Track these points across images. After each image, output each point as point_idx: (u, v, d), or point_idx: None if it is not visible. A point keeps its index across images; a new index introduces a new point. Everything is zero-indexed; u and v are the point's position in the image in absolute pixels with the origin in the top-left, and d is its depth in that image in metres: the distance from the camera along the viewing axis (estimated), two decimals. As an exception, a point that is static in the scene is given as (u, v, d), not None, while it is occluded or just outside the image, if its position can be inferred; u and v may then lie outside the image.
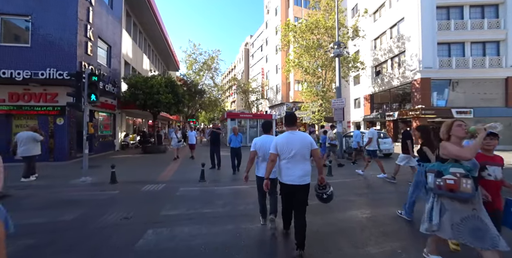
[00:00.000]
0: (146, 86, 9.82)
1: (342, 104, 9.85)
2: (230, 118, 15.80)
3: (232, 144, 6.59)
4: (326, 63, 17.33)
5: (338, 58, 10.12)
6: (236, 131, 6.72)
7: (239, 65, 51.22)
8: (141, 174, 6.52)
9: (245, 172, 3.14)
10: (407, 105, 17.47)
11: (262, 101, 34.31)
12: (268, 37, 33.48)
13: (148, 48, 19.10)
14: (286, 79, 28.96)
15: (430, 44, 15.04)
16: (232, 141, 6.60)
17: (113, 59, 10.53)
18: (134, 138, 13.17)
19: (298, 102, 27.77)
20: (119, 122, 12.92)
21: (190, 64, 29.91)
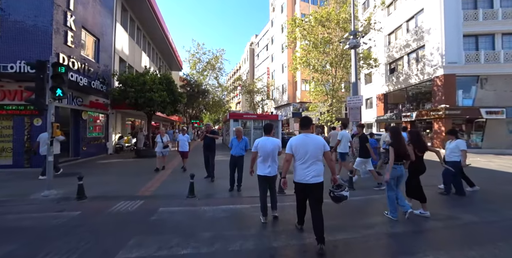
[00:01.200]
0: (137, 83, 8.81)
1: (359, 103, 8.57)
2: (233, 119, 14.68)
3: (232, 151, 4.94)
4: (336, 59, 16.02)
5: (355, 50, 8.86)
6: (240, 134, 5.05)
7: (244, 65, 50.33)
8: (120, 185, 5.43)
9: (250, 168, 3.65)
10: (426, 105, 15.92)
11: (267, 101, 33.14)
12: (274, 35, 32.39)
13: (148, 46, 18.28)
14: (292, 78, 27.74)
15: (455, 37, 13.52)
16: (234, 146, 4.95)
17: (102, 54, 9.60)
18: (129, 140, 12.22)
19: (305, 103, 26.47)
20: (113, 123, 11.99)
21: (194, 64, 29.11)
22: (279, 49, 30.25)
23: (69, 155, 8.87)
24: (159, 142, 7.09)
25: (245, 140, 5.07)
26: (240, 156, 4.92)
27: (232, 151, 4.98)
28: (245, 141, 5.06)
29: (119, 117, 12.86)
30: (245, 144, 5.03)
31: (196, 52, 28.83)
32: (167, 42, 19.37)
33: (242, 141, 5.02)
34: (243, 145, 4.99)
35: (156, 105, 9.10)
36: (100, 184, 5.52)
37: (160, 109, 9.62)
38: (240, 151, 4.94)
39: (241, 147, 4.96)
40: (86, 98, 9.09)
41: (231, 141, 5.13)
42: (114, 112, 11.51)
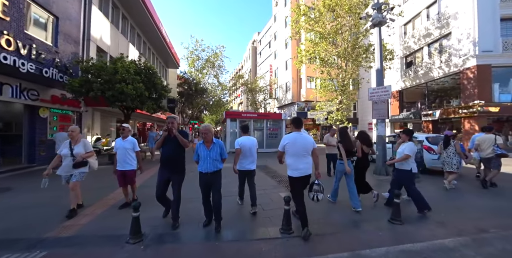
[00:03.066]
0: (106, 72, 7.06)
1: (386, 95, 6.66)
2: (229, 118, 12.88)
3: (201, 166, 3.05)
4: (349, 50, 14.11)
5: (379, 28, 6.97)
6: (208, 136, 3.04)
7: (246, 64, 48.69)
8: (43, 212, 3.62)
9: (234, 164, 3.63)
10: (452, 101, 13.86)
11: (270, 101, 31.30)
12: (277, 31, 30.63)
13: (138, 39, 16.65)
14: (297, 75, 25.86)
15: (489, 21, 11.50)
16: (201, 158, 3.06)
17: (63, 37, 7.87)
18: (108, 143, 10.51)
19: (311, 102, 24.57)
20: (88, 123, 10.30)
21: (192, 61, 27.53)
22: (282, 45, 28.48)
23: (21, 161, 7.16)
24: (63, 154, 3.56)
25: (219, 145, 3.10)
26: (213, 172, 3.02)
27: (200, 166, 3.06)
28: (219, 147, 3.10)
29: (98, 116, 11.17)
30: (220, 150, 3.09)
31: (195, 49, 27.26)
32: (160, 35, 17.74)
33: (214, 148, 3.04)
34: (217, 153, 3.05)
35: (130, 99, 7.32)
36: (17, 209, 3.75)
37: (137, 105, 7.85)
38: (213, 163, 3.01)
39: (214, 156, 3.02)
40: (44, 91, 7.40)
41: (196, 149, 3.15)
42: (88, 110, 9.81)
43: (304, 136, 2.93)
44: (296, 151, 2.86)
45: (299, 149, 2.86)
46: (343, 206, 3.99)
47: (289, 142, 2.88)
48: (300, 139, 2.88)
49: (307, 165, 2.88)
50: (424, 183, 5.63)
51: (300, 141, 2.87)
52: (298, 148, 2.85)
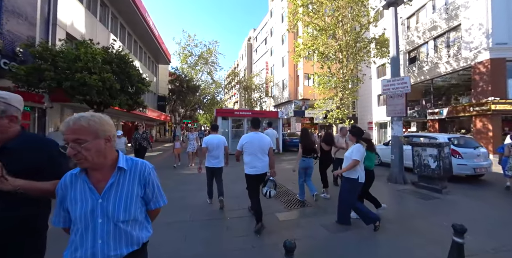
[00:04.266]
0: (63, 58, 5.76)
1: (403, 88, 5.58)
2: (221, 117, 11.66)
3: None
4: (350, 43, 13.06)
5: (395, 9, 5.86)
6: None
7: (242, 62, 47.44)
8: None
9: (199, 164, 4.12)
10: (462, 98, 12.95)
11: (266, 99, 30.15)
12: (273, 27, 29.48)
13: (122, 30, 15.26)
14: (294, 72, 24.76)
15: (504, 11, 10.57)
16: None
17: (10, 15, 6.50)
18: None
19: (308, 100, 23.55)
20: (56, 121, 8.96)
21: (184, 57, 26.15)
22: (279, 41, 27.34)
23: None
24: None
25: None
26: None
27: None
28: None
29: (70, 113, 9.81)
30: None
31: (187, 44, 25.89)
32: (147, 27, 16.35)
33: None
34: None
35: (96, 93, 6.05)
36: None
37: (106, 100, 6.56)
38: None
39: None
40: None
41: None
42: (53, 105, 8.46)
43: (261, 136, 3.08)
44: (253, 150, 2.99)
45: (256, 148, 2.99)
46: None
47: (247, 141, 3.02)
48: (257, 138, 3.03)
49: (263, 163, 3.02)
50: (467, 194, 4.57)
51: (257, 140, 3.02)
52: (255, 147, 2.99)
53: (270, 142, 3.08)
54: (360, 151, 2.98)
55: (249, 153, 3.00)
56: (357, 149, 2.99)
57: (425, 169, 4.93)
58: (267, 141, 3.05)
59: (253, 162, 2.98)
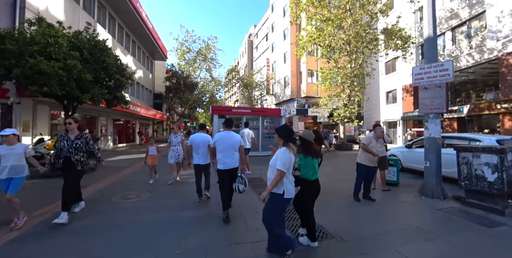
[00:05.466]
0: (16, 42, 4.60)
1: (444, 76, 4.37)
2: (217, 114, 10.49)
3: None
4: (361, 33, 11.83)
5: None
6: None
7: (242, 59, 46.20)
8: None
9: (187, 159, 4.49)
10: (486, 94, 11.68)
11: (267, 97, 28.94)
12: (275, 21, 28.21)
13: (112, 22, 14.12)
14: (297, 69, 23.52)
15: (539, -6, 9.29)
16: None
17: None
18: (52, 147, 8.04)
19: (312, 98, 22.34)
20: (26, 119, 7.84)
21: (182, 54, 25.02)
22: (280, 37, 26.08)
23: None
24: None
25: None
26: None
27: None
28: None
29: (43, 110, 8.68)
30: None
31: (185, 40, 24.75)
32: (140, 20, 15.17)
33: None
34: None
35: (57, 83, 4.90)
36: None
37: (73, 93, 5.40)
38: None
39: None
40: None
41: None
42: (21, 101, 7.32)
43: (232, 135, 3.39)
44: (223, 147, 3.30)
45: (227, 145, 3.30)
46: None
47: (218, 139, 3.33)
48: (228, 137, 3.34)
49: (233, 159, 3.33)
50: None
51: (228, 139, 3.33)
52: (226, 145, 3.30)
53: (240, 140, 3.41)
54: (285, 156, 2.26)
55: (220, 150, 3.30)
56: (281, 155, 2.28)
57: (478, 182, 3.74)
58: (237, 139, 3.38)
59: (224, 158, 3.28)
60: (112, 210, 3.72)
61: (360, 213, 3.67)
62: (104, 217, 3.44)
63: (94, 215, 3.51)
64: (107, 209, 3.74)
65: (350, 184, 4.55)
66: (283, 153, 2.25)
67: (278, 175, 2.19)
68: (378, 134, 3.93)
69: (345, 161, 9.64)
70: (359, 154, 4.17)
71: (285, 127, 2.45)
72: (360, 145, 4.18)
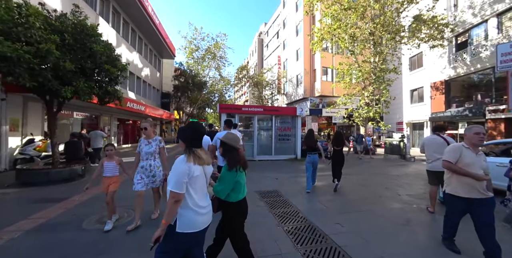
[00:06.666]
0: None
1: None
2: (225, 113, 9.38)
3: None
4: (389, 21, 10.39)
5: None
6: None
7: (252, 58, 45.24)
8: None
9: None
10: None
11: (278, 96, 27.68)
12: (287, 17, 26.98)
13: (117, 17, 13.41)
14: (310, 66, 22.13)
15: None
16: None
17: None
18: (45, 148, 7.23)
19: (326, 97, 20.88)
20: (16, 118, 7.06)
21: (190, 52, 24.29)
22: (292, 33, 24.81)
23: None
24: None
25: None
26: None
27: None
28: None
29: (36, 108, 7.89)
30: None
31: (194, 38, 23.99)
32: (144, 12, 14.41)
33: None
34: None
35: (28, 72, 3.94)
36: None
37: (50, 85, 4.43)
38: None
39: None
40: None
41: None
42: (7, 97, 6.52)
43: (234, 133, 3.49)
44: None
45: None
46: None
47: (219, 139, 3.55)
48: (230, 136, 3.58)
49: None
50: None
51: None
52: None
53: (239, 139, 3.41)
54: (179, 170, 1.50)
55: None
56: (175, 168, 1.53)
57: None
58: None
59: None
60: (70, 246, 2.57)
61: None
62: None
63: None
64: (64, 243, 2.61)
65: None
66: (179, 164, 1.54)
67: (171, 198, 1.48)
68: (474, 138, 2.43)
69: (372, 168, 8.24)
70: (446, 178, 2.56)
71: (191, 126, 1.72)
72: (443, 164, 2.50)
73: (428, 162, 3.68)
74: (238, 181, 1.91)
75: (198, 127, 1.71)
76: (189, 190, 1.53)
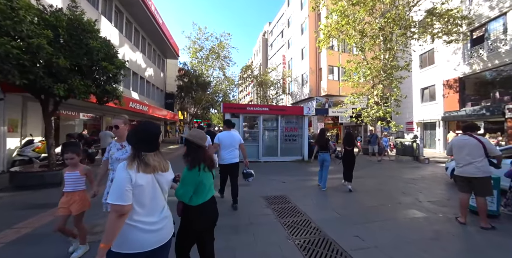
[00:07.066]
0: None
1: None
2: (229, 113, 9.04)
3: None
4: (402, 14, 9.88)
5: None
6: None
7: (256, 58, 44.91)
8: None
9: None
10: None
11: (283, 96, 27.24)
12: (291, 16, 26.54)
13: (120, 16, 13.27)
14: (316, 65, 21.64)
15: None
16: None
17: None
18: (45, 149, 7.03)
19: (333, 96, 20.35)
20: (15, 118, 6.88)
21: (194, 52, 24.12)
22: (297, 32, 24.36)
23: None
24: None
25: None
26: None
27: None
28: None
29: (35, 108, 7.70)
30: None
31: (198, 38, 23.80)
32: (147, 11, 14.24)
33: None
34: None
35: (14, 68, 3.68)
36: None
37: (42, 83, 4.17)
38: None
39: None
40: None
41: None
42: (5, 96, 6.33)
43: (232, 134, 3.97)
44: (225, 145, 3.86)
45: (227, 144, 3.87)
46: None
47: (220, 139, 3.90)
48: (229, 136, 3.93)
49: (232, 155, 3.87)
50: None
51: (229, 138, 3.91)
52: (227, 143, 3.87)
53: (240, 139, 4.01)
54: (119, 179, 1.25)
55: (222, 147, 3.87)
56: (116, 173, 1.29)
57: None
58: (237, 138, 3.96)
59: (224, 154, 3.84)
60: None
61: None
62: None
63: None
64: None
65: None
66: (119, 171, 1.27)
67: (112, 212, 1.19)
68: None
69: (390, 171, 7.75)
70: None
71: (140, 126, 1.43)
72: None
73: (458, 166, 3.24)
74: (201, 181, 1.68)
75: (148, 127, 1.42)
76: (133, 203, 1.26)
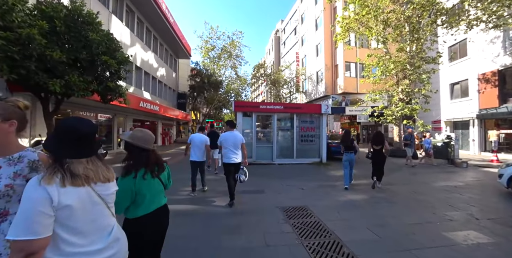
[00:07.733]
0: None
1: None
2: (241, 112, 8.46)
3: None
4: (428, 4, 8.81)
5: None
6: None
7: (269, 57, 44.20)
8: None
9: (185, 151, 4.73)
10: None
11: (297, 95, 26.34)
12: (305, 12, 25.61)
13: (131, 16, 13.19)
14: (332, 62, 20.58)
15: None
16: None
17: None
18: (52, 150, 6.90)
19: (350, 94, 19.23)
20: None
21: (206, 51, 23.96)
22: (312, 28, 23.41)
23: None
24: None
25: None
26: None
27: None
28: None
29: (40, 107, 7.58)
30: None
31: (210, 37, 23.60)
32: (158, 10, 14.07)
33: None
34: None
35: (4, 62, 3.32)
36: None
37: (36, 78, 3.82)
38: None
39: None
40: None
41: None
42: (10, 96, 6.17)
43: (235, 134, 4.05)
44: (227, 145, 3.95)
45: (230, 143, 3.95)
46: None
47: (223, 139, 4.02)
48: (231, 136, 3.99)
49: (235, 155, 3.98)
50: None
51: (232, 138, 3.97)
52: (229, 143, 3.95)
53: (242, 138, 4.07)
54: (29, 201, 0.82)
55: (225, 147, 3.97)
56: (24, 195, 0.83)
57: None
58: (239, 138, 4.03)
59: (227, 154, 3.95)
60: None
61: None
62: None
63: None
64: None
65: None
66: (28, 191, 0.84)
67: (15, 252, 0.81)
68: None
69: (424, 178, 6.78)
70: None
71: (60, 125, 0.99)
72: None
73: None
74: (139, 191, 1.40)
75: (74, 124, 0.97)
76: (59, 233, 0.86)
